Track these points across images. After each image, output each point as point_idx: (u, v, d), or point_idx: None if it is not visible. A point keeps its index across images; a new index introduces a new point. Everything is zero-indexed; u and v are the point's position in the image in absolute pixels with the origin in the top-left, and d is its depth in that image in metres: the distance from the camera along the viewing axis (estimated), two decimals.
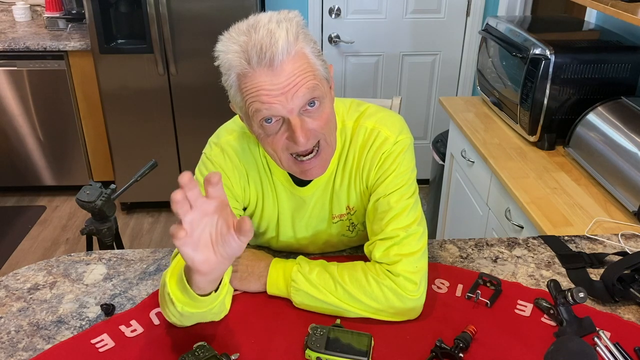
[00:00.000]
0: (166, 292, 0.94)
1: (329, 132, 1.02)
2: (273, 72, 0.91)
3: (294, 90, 0.92)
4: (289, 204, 1.17)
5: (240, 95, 0.96)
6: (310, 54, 0.95)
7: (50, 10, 3.31)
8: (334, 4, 3.16)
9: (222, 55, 0.95)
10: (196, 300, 0.93)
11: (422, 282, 1.06)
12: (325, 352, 0.96)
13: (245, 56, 0.91)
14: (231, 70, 0.94)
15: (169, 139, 3.15)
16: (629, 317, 1.10)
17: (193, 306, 0.94)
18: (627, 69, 1.88)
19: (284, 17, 0.95)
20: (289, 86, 0.92)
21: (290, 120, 0.95)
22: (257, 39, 0.91)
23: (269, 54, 0.90)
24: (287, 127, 0.96)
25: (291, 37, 0.92)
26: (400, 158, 1.09)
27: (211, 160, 1.11)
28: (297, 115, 0.95)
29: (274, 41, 0.90)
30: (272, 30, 0.91)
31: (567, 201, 1.62)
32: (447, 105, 2.38)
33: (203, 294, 0.92)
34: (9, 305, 1.11)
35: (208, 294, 0.93)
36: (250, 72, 0.92)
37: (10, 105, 3.19)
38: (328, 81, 1.00)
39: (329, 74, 1.01)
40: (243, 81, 0.94)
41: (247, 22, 0.94)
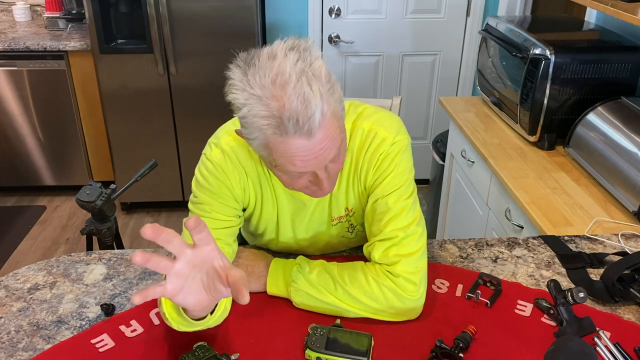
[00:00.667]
0: (162, 311, 0.95)
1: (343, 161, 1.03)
2: (310, 140, 0.88)
3: (327, 152, 0.91)
4: (289, 207, 1.17)
5: (267, 151, 0.92)
6: (336, 104, 0.91)
7: (50, 10, 3.31)
8: (334, 4, 3.16)
9: (245, 110, 0.88)
10: (192, 323, 0.93)
11: (422, 283, 1.06)
12: (325, 352, 0.96)
13: (280, 125, 0.86)
14: (258, 131, 0.89)
15: (169, 139, 3.15)
16: (629, 317, 1.10)
17: (188, 326, 0.95)
18: (627, 69, 1.88)
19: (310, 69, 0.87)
20: (322, 150, 0.91)
21: (318, 174, 0.95)
22: (292, 108, 0.85)
23: (307, 125, 0.86)
24: (312, 175, 0.97)
25: (324, 99, 0.87)
26: (398, 159, 1.09)
27: (211, 161, 1.11)
28: (324, 169, 0.95)
29: (310, 111, 0.85)
30: (306, 96, 0.85)
31: (567, 201, 1.62)
32: (447, 105, 2.38)
33: (198, 319, 0.93)
34: (9, 305, 1.11)
35: (203, 317, 0.94)
36: (284, 139, 0.88)
37: (10, 105, 3.19)
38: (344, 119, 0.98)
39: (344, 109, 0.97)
40: (273, 145, 0.90)
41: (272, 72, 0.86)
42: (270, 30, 3.22)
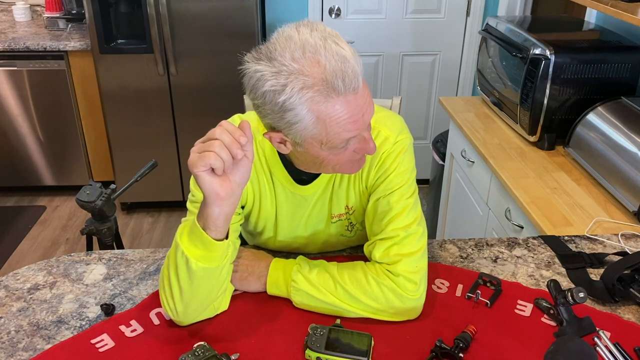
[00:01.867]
0: (179, 253, 0.95)
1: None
2: (358, 96, 0.91)
3: (370, 108, 0.94)
4: (288, 204, 1.17)
5: (319, 126, 0.91)
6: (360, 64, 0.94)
7: (50, 10, 3.31)
8: (334, 4, 3.16)
9: (288, 89, 0.87)
10: (210, 248, 0.94)
11: (422, 282, 1.06)
12: (325, 352, 0.96)
13: (329, 86, 0.87)
14: (305, 104, 0.88)
15: (169, 139, 3.15)
16: (629, 317, 1.10)
17: (207, 259, 0.95)
18: (627, 69, 1.88)
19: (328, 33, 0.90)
20: (366, 104, 0.93)
21: (364, 136, 0.97)
22: (334, 67, 0.87)
23: (355, 79, 0.89)
24: (359, 141, 0.97)
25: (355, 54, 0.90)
26: (400, 158, 1.09)
27: None
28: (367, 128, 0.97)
29: (350, 65, 0.88)
30: (340, 54, 0.88)
31: (567, 201, 1.62)
32: (447, 105, 2.38)
33: (217, 238, 0.94)
34: (9, 305, 1.11)
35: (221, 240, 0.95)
36: (335, 101, 0.89)
37: (10, 105, 3.19)
38: None
39: None
40: (324, 113, 0.90)
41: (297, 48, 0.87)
42: (270, 30, 3.22)
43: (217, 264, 0.97)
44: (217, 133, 0.87)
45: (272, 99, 0.89)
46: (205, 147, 0.87)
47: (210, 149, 0.87)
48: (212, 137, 0.88)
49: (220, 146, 0.87)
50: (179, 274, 0.97)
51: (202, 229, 0.93)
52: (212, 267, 0.97)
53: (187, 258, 0.95)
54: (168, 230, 3.20)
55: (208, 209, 0.92)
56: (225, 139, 0.87)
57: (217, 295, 1.04)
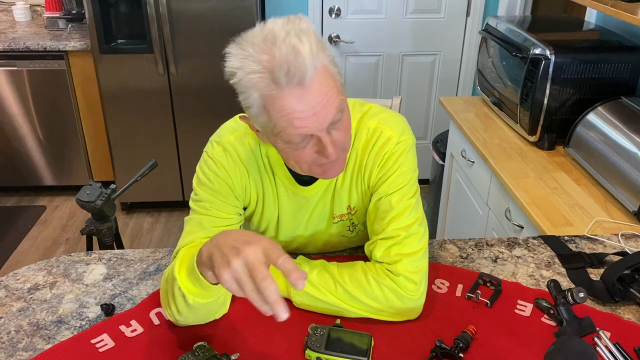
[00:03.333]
0: (176, 287, 0.94)
1: (349, 137, 1.02)
2: (303, 91, 0.88)
3: (325, 110, 0.90)
4: (290, 204, 1.17)
5: (266, 116, 0.92)
6: (330, 65, 0.92)
7: (50, 10, 3.31)
8: (334, 4, 3.16)
9: (239, 73, 0.89)
10: (208, 289, 0.93)
11: (423, 282, 1.06)
12: (325, 352, 0.96)
13: (271, 77, 0.86)
14: (252, 90, 0.90)
15: (169, 139, 3.15)
16: (629, 317, 1.10)
17: (204, 296, 0.95)
18: (627, 69, 1.88)
19: (299, 27, 0.89)
20: (320, 105, 0.89)
21: (320, 138, 0.93)
22: (281, 58, 0.85)
23: (299, 73, 0.86)
24: (316, 142, 0.95)
25: (314, 50, 0.88)
26: (402, 158, 1.09)
27: (213, 159, 1.10)
28: (326, 132, 0.94)
29: (300, 59, 0.85)
30: (295, 46, 0.86)
31: (567, 201, 1.62)
32: (447, 105, 2.38)
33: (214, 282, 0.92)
34: (9, 305, 1.11)
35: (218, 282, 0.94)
36: (278, 93, 0.88)
37: (10, 105, 3.19)
38: (343, 86, 0.98)
39: (342, 77, 0.98)
40: (270, 103, 0.90)
41: (260, 36, 0.89)
42: None
43: (216, 297, 0.97)
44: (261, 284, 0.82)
45: (230, 79, 0.92)
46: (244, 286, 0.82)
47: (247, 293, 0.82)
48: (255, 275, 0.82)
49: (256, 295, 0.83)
50: (177, 301, 0.97)
51: (201, 273, 0.91)
52: (210, 301, 0.97)
53: (184, 294, 0.94)
54: (168, 230, 3.20)
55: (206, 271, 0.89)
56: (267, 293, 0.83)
57: (216, 310, 1.05)
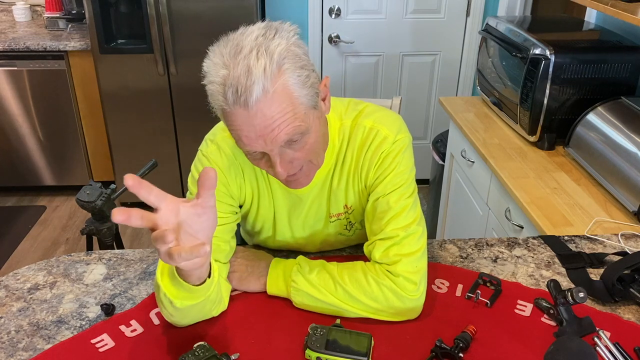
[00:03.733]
0: (162, 293, 0.94)
1: (314, 156, 1.01)
2: (249, 113, 0.88)
3: (273, 134, 0.90)
4: (285, 203, 1.17)
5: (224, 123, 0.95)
6: (294, 87, 0.90)
7: (50, 10, 3.31)
8: (334, 4, 3.16)
9: (206, 78, 0.92)
10: (192, 291, 0.92)
11: (422, 282, 1.06)
12: (325, 352, 0.96)
13: (223, 93, 0.88)
14: (214, 100, 0.92)
15: (169, 139, 3.15)
16: (629, 317, 1.10)
17: (191, 298, 0.94)
18: (627, 69, 1.88)
19: (268, 44, 0.88)
20: (267, 130, 0.89)
21: (270, 157, 0.94)
22: (234, 76, 0.86)
23: (244, 95, 0.86)
24: (268, 159, 0.96)
25: (269, 72, 0.86)
26: (399, 157, 1.09)
27: (207, 157, 1.10)
28: (277, 153, 0.94)
29: (250, 82, 0.85)
30: (250, 67, 0.86)
31: (567, 201, 1.62)
32: (447, 105, 2.38)
33: (198, 284, 0.92)
34: (9, 305, 1.11)
35: (203, 282, 0.93)
36: (228, 109, 0.90)
37: (10, 105, 3.19)
38: (316, 107, 0.96)
39: (318, 96, 0.96)
40: (223, 115, 0.93)
41: (231, 45, 0.89)
42: None
43: (203, 297, 0.95)
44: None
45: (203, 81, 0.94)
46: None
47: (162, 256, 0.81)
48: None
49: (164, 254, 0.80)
50: (166, 306, 0.97)
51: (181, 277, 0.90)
52: (198, 302, 0.96)
53: (171, 300, 0.93)
54: None
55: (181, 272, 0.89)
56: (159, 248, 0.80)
57: (211, 308, 1.04)
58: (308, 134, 0.95)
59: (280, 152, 0.94)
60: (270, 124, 0.89)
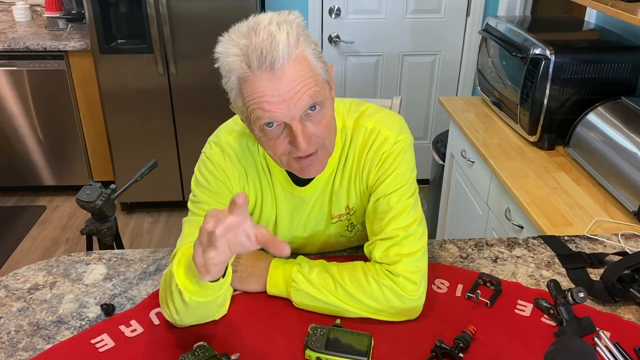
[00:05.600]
0: (174, 284, 0.94)
1: (329, 136, 1.01)
2: (274, 76, 0.90)
3: (296, 97, 0.92)
4: (288, 205, 1.17)
5: (241, 99, 0.95)
6: (312, 57, 0.94)
7: (50, 10, 3.31)
8: (334, 4, 3.16)
9: (222, 57, 0.94)
10: (205, 287, 0.93)
11: (422, 282, 1.06)
12: (325, 352, 0.96)
13: (246, 60, 0.90)
14: (231, 73, 0.93)
15: (169, 139, 3.15)
16: (629, 317, 1.10)
17: (201, 295, 0.94)
18: (627, 69, 1.88)
19: (284, 19, 0.93)
20: (291, 92, 0.91)
21: (291, 126, 0.94)
22: (258, 42, 0.89)
23: (270, 57, 0.89)
24: (289, 131, 0.96)
25: (292, 39, 0.90)
26: (400, 158, 1.09)
27: (211, 160, 1.11)
28: (298, 121, 0.94)
29: (275, 45, 0.89)
30: (273, 33, 0.89)
31: (567, 201, 1.62)
32: (447, 105, 2.38)
33: (212, 280, 0.92)
34: (9, 305, 1.11)
35: (216, 280, 0.93)
36: (251, 76, 0.91)
37: (10, 105, 3.19)
38: (329, 83, 0.99)
39: (329, 75, 1.00)
40: (244, 86, 0.93)
41: (247, 24, 0.93)
42: None
43: (213, 297, 0.96)
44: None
45: (217, 63, 0.95)
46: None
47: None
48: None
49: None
50: (174, 300, 0.96)
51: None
52: (207, 300, 0.96)
53: (181, 291, 0.93)
54: (168, 230, 3.20)
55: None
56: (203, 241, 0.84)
57: (215, 312, 1.04)
58: (325, 107, 0.97)
59: (301, 122, 0.95)
60: (293, 87, 0.91)
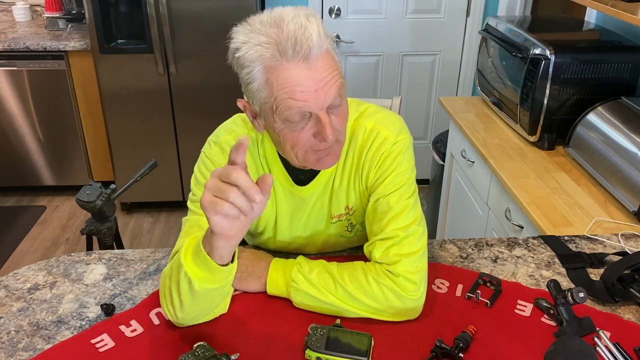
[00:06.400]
0: (182, 274, 0.93)
1: (344, 128, 1.03)
2: (308, 66, 0.90)
3: (327, 87, 0.93)
4: (288, 205, 1.17)
5: (268, 89, 0.93)
6: (333, 51, 0.96)
7: (50, 10, 3.31)
8: (334, 4, 3.16)
9: (245, 47, 0.91)
10: (215, 272, 0.92)
11: (422, 282, 1.06)
12: (325, 352, 0.96)
13: (278, 48, 0.89)
14: (257, 62, 0.91)
15: (169, 139, 3.15)
16: (629, 317, 1.10)
17: (210, 281, 0.93)
18: (627, 69, 1.88)
19: (310, 12, 0.93)
20: (322, 82, 0.92)
21: (320, 116, 0.94)
22: (290, 32, 0.89)
23: (305, 47, 0.89)
24: (315, 123, 0.96)
25: (322, 32, 0.91)
26: (399, 158, 1.09)
27: (210, 159, 1.11)
28: (326, 112, 0.95)
29: (308, 34, 0.89)
30: (304, 25, 0.89)
31: (567, 201, 1.62)
32: (447, 105, 2.38)
33: (222, 264, 0.92)
34: (9, 305, 1.11)
35: (225, 265, 0.93)
36: (283, 64, 0.90)
37: (10, 105, 3.19)
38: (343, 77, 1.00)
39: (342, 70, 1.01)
40: (273, 74, 0.91)
41: (269, 16, 0.92)
42: None
43: (221, 284, 0.96)
44: (233, 177, 0.80)
45: (234, 55, 0.94)
46: (220, 191, 0.81)
47: (225, 196, 0.80)
48: (228, 179, 0.80)
49: (236, 195, 0.80)
50: (181, 290, 0.96)
51: (208, 254, 0.90)
52: (215, 287, 0.95)
53: (190, 279, 0.92)
54: (168, 230, 3.20)
55: (214, 242, 0.88)
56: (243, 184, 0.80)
57: (218, 304, 1.04)
58: (344, 99, 0.99)
59: (328, 115, 0.96)
60: (325, 76, 0.92)
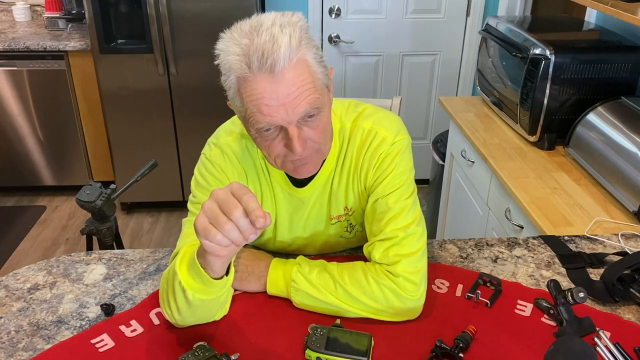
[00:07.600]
0: (177, 282, 0.93)
1: (325, 140, 1.01)
2: (273, 79, 0.90)
3: (295, 103, 0.91)
4: (287, 206, 1.17)
5: (239, 99, 0.94)
6: (312, 61, 0.94)
7: (50, 10, 3.31)
8: (334, 4, 3.16)
9: (222, 55, 0.93)
10: (209, 284, 0.92)
11: (422, 282, 1.06)
12: (325, 352, 0.96)
13: (246, 60, 0.90)
14: (231, 72, 0.93)
15: (169, 139, 3.15)
16: (629, 317, 1.10)
17: (204, 292, 0.93)
18: (627, 69, 1.88)
19: (288, 20, 0.92)
20: (290, 97, 0.91)
21: (288, 130, 0.94)
22: (259, 43, 0.89)
23: (271, 60, 0.88)
24: (285, 135, 0.95)
25: (294, 43, 0.90)
26: (398, 158, 1.09)
27: (210, 161, 1.11)
28: (295, 125, 0.94)
29: (277, 47, 0.88)
30: (275, 35, 0.89)
31: (567, 201, 1.62)
32: (447, 105, 2.38)
33: (216, 277, 0.92)
34: (9, 305, 1.11)
35: (220, 278, 0.93)
36: (250, 77, 0.90)
37: (10, 105, 3.19)
38: (328, 87, 0.99)
39: (329, 79, 0.99)
40: (243, 85, 0.92)
41: (250, 23, 0.93)
42: None
43: (216, 295, 0.96)
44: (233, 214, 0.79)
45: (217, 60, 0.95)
46: (216, 220, 0.80)
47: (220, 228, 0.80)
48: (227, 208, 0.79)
49: (231, 229, 0.80)
50: (177, 299, 0.96)
51: (202, 267, 0.90)
52: (210, 299, 0.95)
53: (185, 289, 0.93)
54: (168, 230, 3.20)
55: (206, 257, 0.88)
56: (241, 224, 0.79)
57: (216, 311, 1.04)
58: (322, 112, 0.97)
59: (297, 127, 0.95)
60: (293, 91, 0.91)
